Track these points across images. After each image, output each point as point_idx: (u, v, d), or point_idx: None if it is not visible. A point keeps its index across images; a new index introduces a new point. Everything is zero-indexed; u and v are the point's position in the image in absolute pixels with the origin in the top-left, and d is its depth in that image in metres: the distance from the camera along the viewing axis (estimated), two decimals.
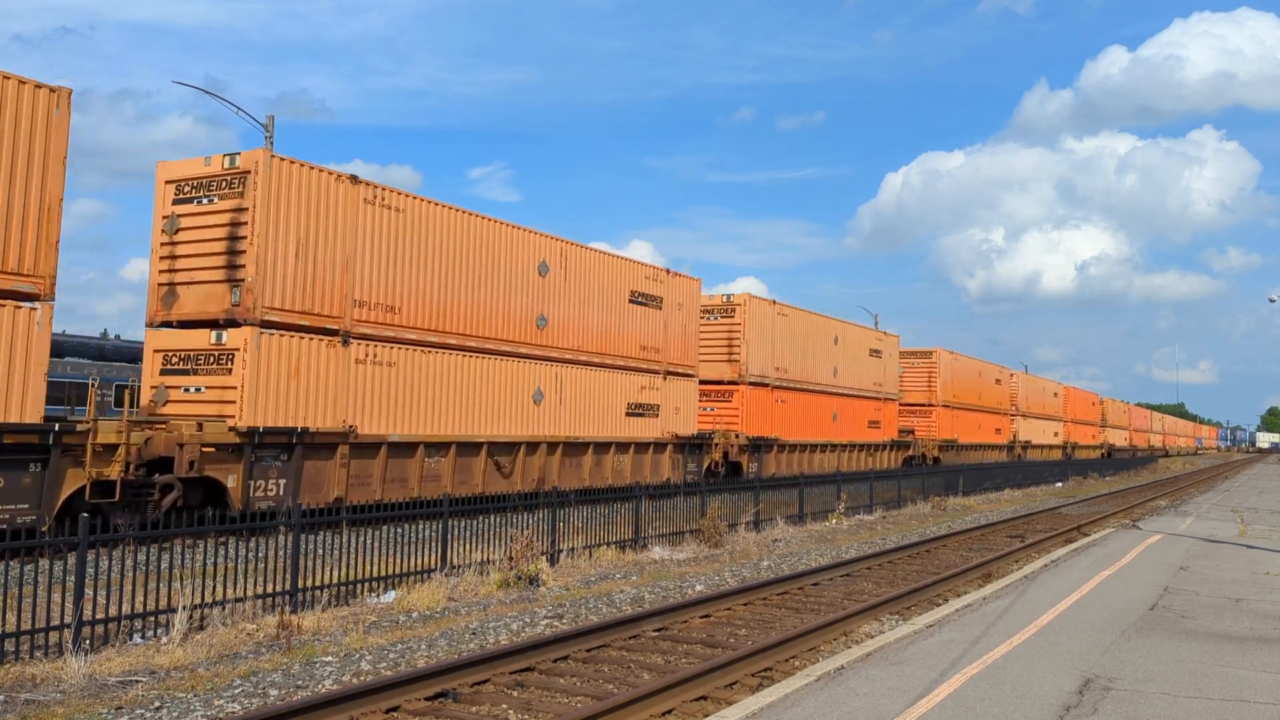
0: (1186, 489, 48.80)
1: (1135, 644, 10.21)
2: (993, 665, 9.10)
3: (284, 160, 18.97)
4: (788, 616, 12.86)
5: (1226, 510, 31.14)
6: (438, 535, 14.56)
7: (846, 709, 7.64)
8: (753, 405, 34.69)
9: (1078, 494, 42.26)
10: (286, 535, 12.37)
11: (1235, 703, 8.05)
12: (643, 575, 16.05)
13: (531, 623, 11.98)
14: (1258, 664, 9.46)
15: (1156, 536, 21.43)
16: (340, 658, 10.04)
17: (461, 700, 8.74)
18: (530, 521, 16.72)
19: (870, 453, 43.88)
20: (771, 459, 35.13)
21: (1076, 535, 23.71)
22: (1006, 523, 26.60)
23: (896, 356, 48.75)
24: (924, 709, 7.63)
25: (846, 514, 26.59)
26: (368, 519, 14.16)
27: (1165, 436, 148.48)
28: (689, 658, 10.46)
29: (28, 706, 8.30)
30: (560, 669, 9.82)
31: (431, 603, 13.00)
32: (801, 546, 20.58)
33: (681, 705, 8.63)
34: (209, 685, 8.93)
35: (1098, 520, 27.70)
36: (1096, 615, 11.77)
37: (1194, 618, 11.82)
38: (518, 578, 14.38)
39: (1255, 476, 66.56)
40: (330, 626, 11.42)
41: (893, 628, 11.74)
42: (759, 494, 23.59)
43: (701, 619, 12.41)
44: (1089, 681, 8.60)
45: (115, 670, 9.36)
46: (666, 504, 20.39)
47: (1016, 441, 64.22)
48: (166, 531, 11.64)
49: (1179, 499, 39.55)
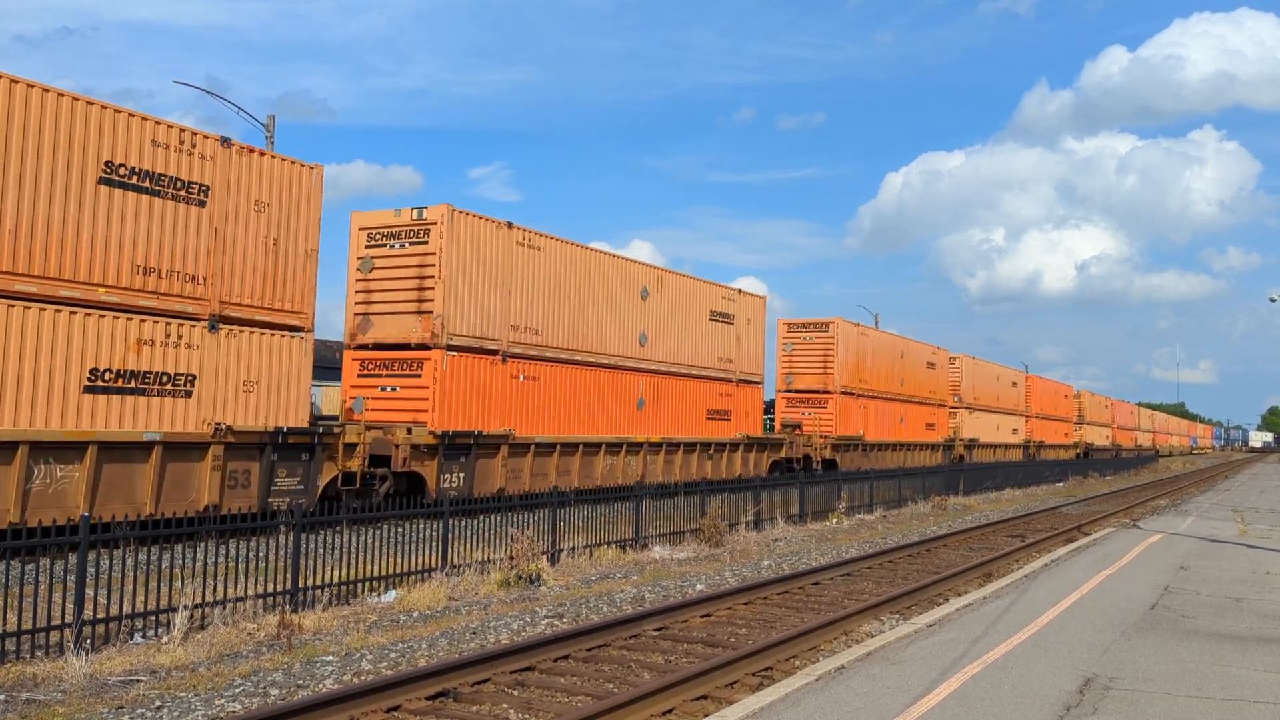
0: (1187, 488, 48.80)
1: (1136, 643, 10.21)
2: (993, 665, 9.10)
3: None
4: (788, 616, 12.86)
5: (1227, 510, 31.14)
6: (438, 535, 14.57)
7: (847, 708, 7.64)
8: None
9: (1078, 493, 42.28)
10: (287, 535, 12.37)
11: (1236, 702, 8.05)
12: (643, 574, 16.05)
13: (532, 622, 11.98)
14: (1258, 663, 9.46)
15: (1157, 536, 21.43)
16: (341, 657, 10.04)
17: (462, 699, 8.74)
18: (531, 521, 16.73)
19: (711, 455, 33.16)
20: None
21: (1077, 534, 23.71)
22: (1007, 522, 26.61)
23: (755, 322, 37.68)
24: (925, 708, 7.63)
25: (847, 513, 26.59)
26: (368, 519, 14.17)
27: (1156, 435, 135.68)
28: (689, 657, 10.45)
29: (29, 706, 8.30)
30: (561, 668, 9.82)
31: (432, 602, 13.00)
32: (802, 546, 20.58)
33: (682, 705, 8.63)
34: (210, 684, 8.93)
35: (1098, 519, 27.69)
36: (1097, 615, 11.77)
37: (1195, 617, 11.82)
38: (518, 577, 14.38)
39: (1256, 476, 66.56)
40: (331, 626, 11.42)
41: (893, 627, 11.74)
42: (759, 493, 23.60)
43: (702, 618, 12.41)
44: (1089, 681, 8.60)
45: (116, 670, 9.36)
46: (667, 503, 20.41)
47: (957, 439, 52.79)
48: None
49: (1179, 498, 39.55)
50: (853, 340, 41.79)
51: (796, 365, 36.13)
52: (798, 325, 40.73)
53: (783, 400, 39.04)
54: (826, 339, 40.36)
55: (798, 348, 33.95)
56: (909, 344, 48.13)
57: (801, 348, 36.49)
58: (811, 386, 40.28)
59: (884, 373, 44.52)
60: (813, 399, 39.87)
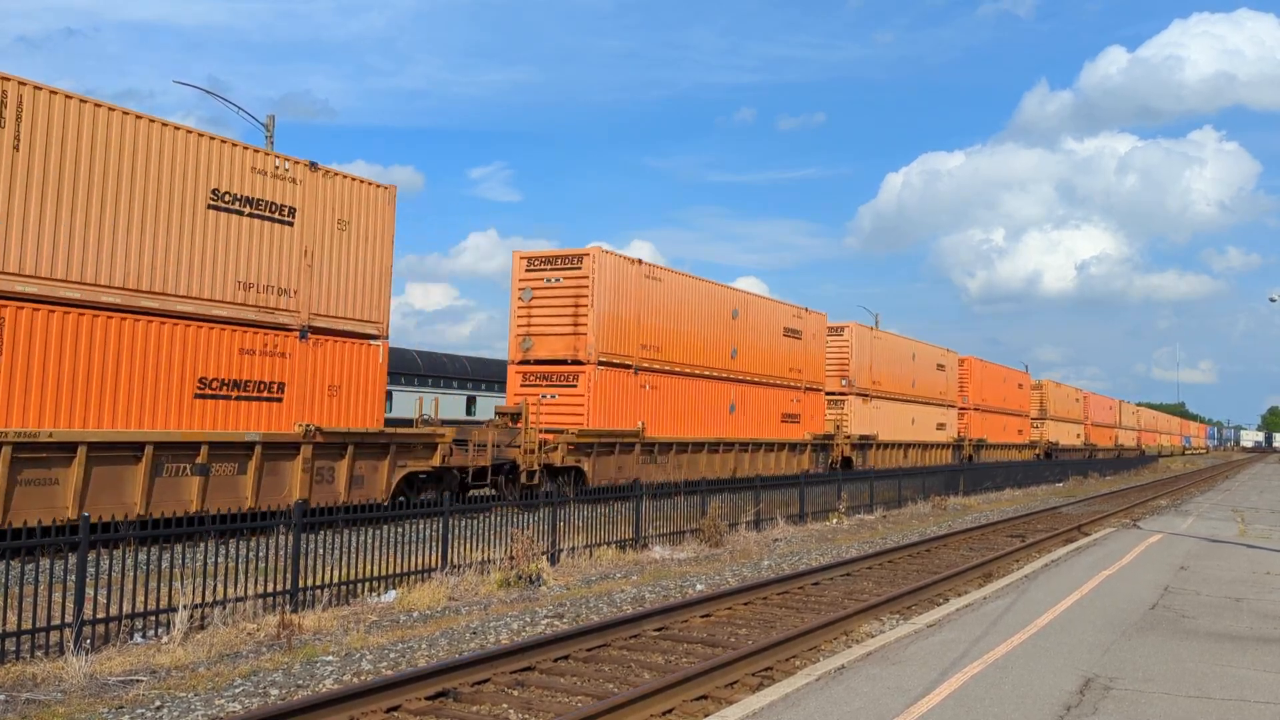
0: (1187, 489, 48.79)
1: (1136, 643, 10.21)
2: (993, 665, 9.10)
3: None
4: (788, 616, 12.86)
5: (1227, 510, 31.13)
6: (438, 535, 14.57)
7: (847, 708, 7.64)
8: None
9: (1078, 493, 42.27)
10: (287, 535, 12.37)
11: (1236, 702, 8.05)
12: (643, 574, 16.05)
13: (532, 622, 11.98)
14: (1259, 663, 9.45)
15: (1157, 536, 21.42)
16: (341, 657, 10.03)
17: (462, 699, 8.74)
18: (531, 521, 16.73)
19: None
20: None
21: (1077, 535, 23.70)
22: (1007, 522, 26.60)
23: None
24: (925, 708, 7.63)
25: (847, 513, 26.60)
26: (368, 519, 14.17)
27: (1142, 434, 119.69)
28: (690, 657, 10.45)
29: (29, 706, 8.30)
30: (561, 668, 9.82)
31: (432, 602, 13.00)
32: (802, 546, 20.57)
33: (682, 705, 8.62)
34: (210, 684, 8.93)
35: (1098, 520, 27.68)
36: (1097, 615, 11.76)
37: (1195, 617, 11.81)
38: (518, 577, 14.38)
39: (1256, 476, 66.57)
40: (331, 626, 11.41)
41: (893, 627, 11.73)
42: (759, 493, 23.59)
43: (702, 618, 12.41)
44: (1090, 681, 8.60)
45: (116, 669, 9.36)
46: (666, 504, 20.41)
47: (839, 435, 40.31)
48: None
49: (1179, 499, 39.55)
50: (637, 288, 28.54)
51: (536, 322, 26.93)
52: (540, 261, 27.20)
53: (516, 376, 26.96)
54: (579, 280, 26.15)
55: (540, 294, 26.03)
56: (751, 300, 35.56)
57: (545, 295, 26.64)
58: (556, 355, 26.37)
59: (683, 340, 30.70)
60: (558, 374, 26.39)
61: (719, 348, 32.82)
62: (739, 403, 33.78)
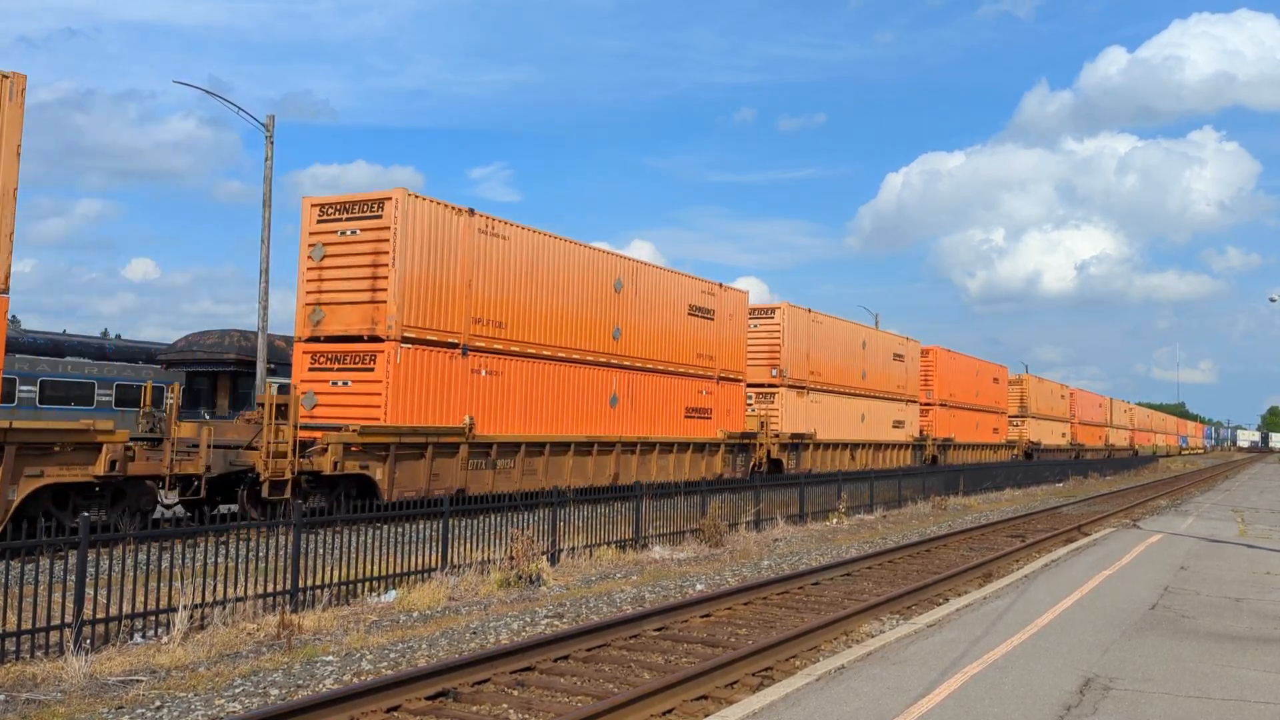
0: (1187, 489, 48.81)
1: (1136, 643, 10.21)
2: (993, 665, 9.10)
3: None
4: (788, 616, 12.86)
5: (1227, 510, 31.14)
6: (438, 535, 14.57)
7: (847, 708, 7.64)
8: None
9: (1078, 493, 42.28)
10: (287, 534, 12.37)
11: (1236, 702, 8.05)
12: (643, 575, 16.05)
13: (532, 622, 11.98)
14: (1259, 663, 9.46)
15: (1157, 536, 21.43)
16: (341, 657, 10.04)
17: (462, 699, 8.74)
18: (530, 521, 16.72)
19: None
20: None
21: (1077, 535, 23.70)
22: (1007, 522, 26.60)
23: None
24: (925, 708, 7.63)
25: (847, 513, 26.60)
26: (368, 519, 14.17)
27: (1135, 434, 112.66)
28: (690, 657, 10.45)
29: (28, 706, 8.30)
30: (561, 668, 9.82)
31: (432, 602, 13.00)
32: (802, 546, 20.58)
33: (682, 705, 8.62)
34: (210, 685, 8.93)
35: (1098, 520, 27.69)
36: (1097, 615, 11.76)
37: (1195, 617, 11.82)
38: (518, 577, 14.38)
39: (1256, 476, 66.60)
40: (331, 626, 11.41)
41: (893, 627, 11.73)
42: (759, 493, 23.60)
43: (702, 618, 12.41)
44: (1090, 681, 8.60)
45: (116, 670, 9.36)
46: (667, 504, 20.41)
47: (764, 434, 34.52)
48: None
49: (1179, 499, 39.56)
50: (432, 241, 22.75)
51: (329, 287, 21.72)
52: (335, 208, 21.75)
53: (303, 358, 21.79)
54: (380, 232, 21.08)
55: (334, 251, 21.29)
56: (643, 269, 30.19)
57: (340, 251, 21.45)
58: (351, 329, 21.23)
59: (574, 325, 26.98)
60: (352, 354, 21.08)
61: (596, 326, 26.82)
62: (624, 394, 27.85)
